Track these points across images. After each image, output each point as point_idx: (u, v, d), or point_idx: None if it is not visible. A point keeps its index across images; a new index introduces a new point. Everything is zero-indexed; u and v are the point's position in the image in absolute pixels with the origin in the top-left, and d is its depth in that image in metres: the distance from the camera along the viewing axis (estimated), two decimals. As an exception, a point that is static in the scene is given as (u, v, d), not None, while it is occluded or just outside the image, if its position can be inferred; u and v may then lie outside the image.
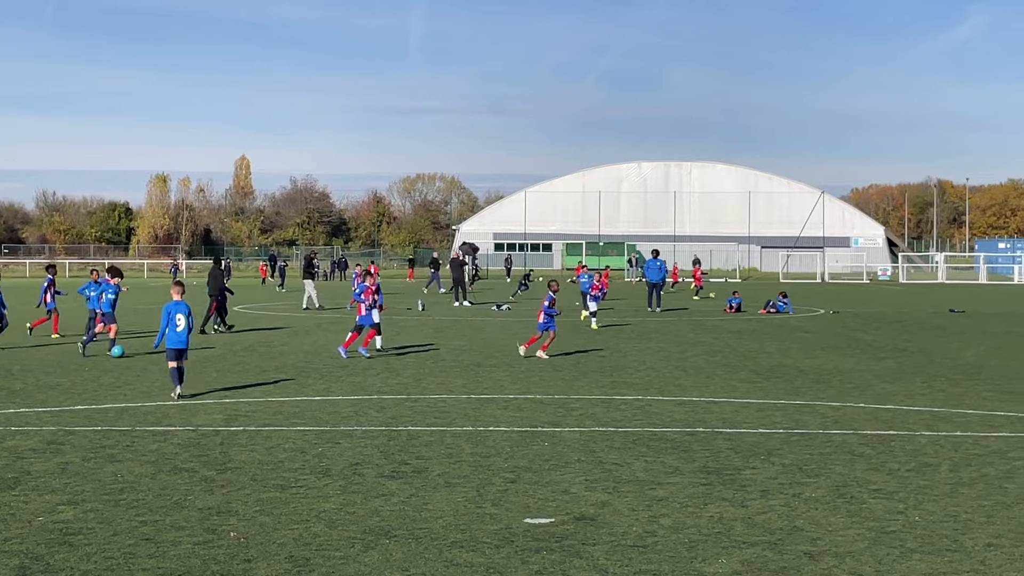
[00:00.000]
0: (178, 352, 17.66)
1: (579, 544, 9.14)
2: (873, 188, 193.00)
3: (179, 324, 17.67)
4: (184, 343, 17.70)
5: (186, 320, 17.74)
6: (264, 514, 10.09)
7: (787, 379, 20.78)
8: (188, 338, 17.82)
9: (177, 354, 17.66)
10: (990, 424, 15.61)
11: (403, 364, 22.93)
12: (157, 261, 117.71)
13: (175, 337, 17.64)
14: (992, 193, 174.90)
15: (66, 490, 11.07)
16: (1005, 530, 9.71)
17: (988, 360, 24.50)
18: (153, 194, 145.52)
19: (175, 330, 17.66)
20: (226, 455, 12.91)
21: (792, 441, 14.07)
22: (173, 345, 17.66)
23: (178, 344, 17.63)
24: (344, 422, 15.39)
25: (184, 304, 17.89)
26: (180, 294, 18.11)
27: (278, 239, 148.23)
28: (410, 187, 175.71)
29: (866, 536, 9.47)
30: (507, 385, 19.54)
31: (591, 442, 13.89)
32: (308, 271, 45.82)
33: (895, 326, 35.81)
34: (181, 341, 17.64)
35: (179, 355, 17.68)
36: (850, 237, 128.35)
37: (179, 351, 17.66)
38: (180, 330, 17.67)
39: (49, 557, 8.71)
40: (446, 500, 10.68)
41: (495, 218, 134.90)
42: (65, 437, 14.09)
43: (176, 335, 17.64)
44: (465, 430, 14.72)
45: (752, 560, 8.72)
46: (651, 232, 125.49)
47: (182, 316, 17.72)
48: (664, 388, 19.33)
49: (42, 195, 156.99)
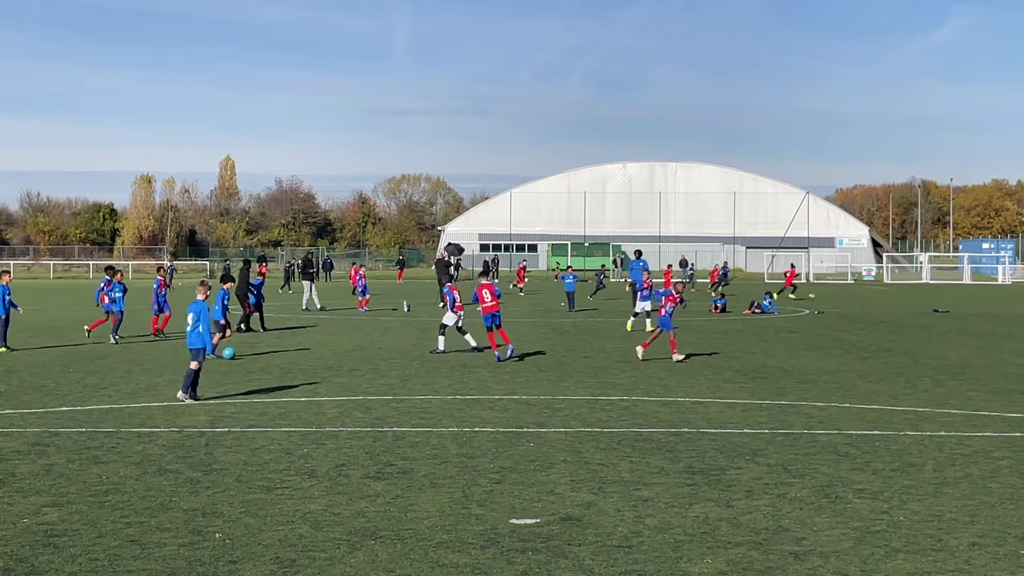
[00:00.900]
0: (193, 352, 17.45)
1: (565, 544, 9.15)
2: (858, 188, 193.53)
3: (189, 323, 17.46)
4: (193, 343, 17.40)
5: (195, 320, 17.40)
6: (249, 515, 10.08)
7: (772, 379, 20.82)
8: (199, 338, 17.36)
9: (193, 354, 17.47)
10: (974, 424, 15.67)
11: (389, 365, 22.91)
12: (142, 262, 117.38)
13: (189, 337, 17.52)
14: (976, 193, 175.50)
15: (51, 492, 11.03)
16: (989, 529, 9.75)
17: (972, 360, 24.59)
18: (138, 195, 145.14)
19: (187, 330, 17.56)
20: (211, 456, 12.89)
21: (777, 441, 14.10)
22: (188, 345, 17.57)
23: (191, 344, 17.46)
24: (330, 423, 15.37)
25: (199, 303, 17.61)
26: (202, 294, 17.91)
27: (263, 240, 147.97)
28: (395, 188, 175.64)
29: (851, 536, 9.50)
30: (493, 386, 19.54)
31: (577, 443, 13.90)
32: (307, 272, 45.90)
33: (880, 326, 35.92)
34: (190, 341, 17.46)
35: (195, 355, 17.42)
36: (835, 237, 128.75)
37: (193, 351, 17.42)
38: (188, 330, 17.50)
39: (34, 559, 8.68)
40: (432, 501, 10.68)
41: (480, 219, 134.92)
42: (50, 439, 14.05)
43: (188, 335, 17.50)
44: (451, 431, 14.72)
45: (737, 560, 8.74)
46: (636, 232, 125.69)
47: (192, 315, 17.45)
48: (649, 389, 19.35)
49: (26, 196, 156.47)
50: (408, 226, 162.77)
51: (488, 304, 23.98)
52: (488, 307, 23.98)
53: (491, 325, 23.98)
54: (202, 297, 17.82)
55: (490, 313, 23.96)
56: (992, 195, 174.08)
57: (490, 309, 23.96)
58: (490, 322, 24.00)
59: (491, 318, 23.97)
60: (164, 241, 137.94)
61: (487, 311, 23.98)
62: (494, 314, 23.96)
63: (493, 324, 23.92)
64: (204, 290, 18.05)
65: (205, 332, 17.42)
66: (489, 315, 23.97)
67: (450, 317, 25.01)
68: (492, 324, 23.93)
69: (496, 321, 23.94)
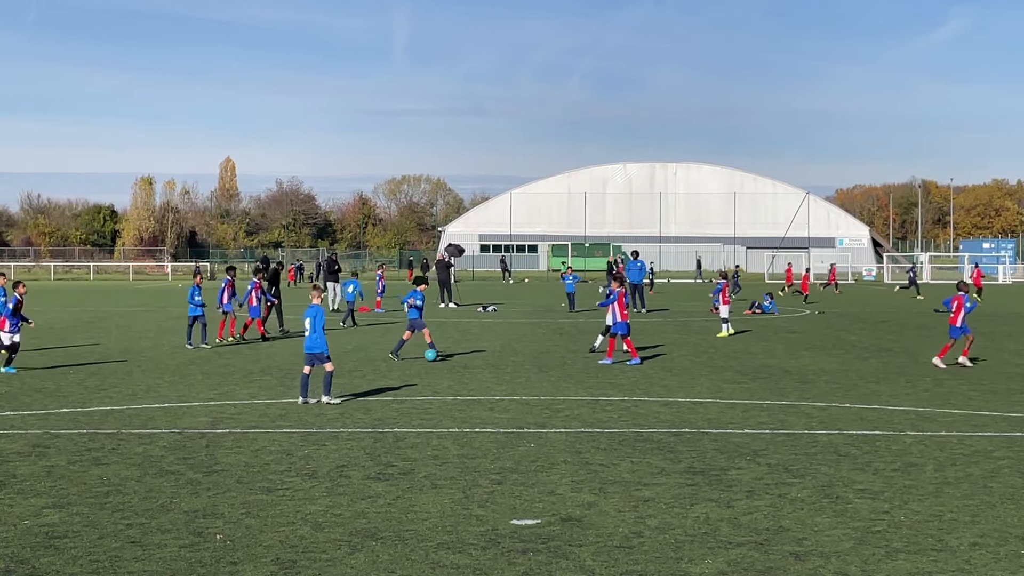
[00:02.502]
0: (311, 357, 17.38)
1: (565, 545, 9.15)
2: (858, 189, 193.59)
3: (308, 328, 17.43)
4: (312, 347, 17.34)
5: (312, 324, 17.35)
6: (250, 516, 10.08)
7: (772, 380, 20.82)
8: (318, 342, 17.32)
9: (310, 359, 17.38)
10: (975, 424, 15.67)
11: (389, 366, 22.91)
12: (142, 263, 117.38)
13: (306, 342, 17.51)
14: (976, 193, 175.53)
15: (51, 493, 11.04)
16: (990, 529, 9.75)
17: (973, 360, 24.56)
18: (138, 196, 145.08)
19: (307, 335, 17.49)
20: (212, 458, 12.89)
21: (778, 441, 14.10)
22: (304, 350, 17.57)
23: (307, 349, 17.43)
24: (330, 424, 15.37)
25: (315, 307, 17.62)
26: (316, 298, 17.93)
27: (264, 241, 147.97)
28: (395, 189, 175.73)
29: (852, 536, 9.50)
30: (493, 386, 19.54)
31: (577, 443, 13.90)
32: (332, 272, 45.52)
33: (880, 326, 35.91)
34: (309, 346, 17.40)
35: (311, 360, 17.36)
36: (835, 238, 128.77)
37: (310, 356, 17.38)
38: (307, 335, 17.42)
39: (35, 560, 8.68)
40: (432, 502, 10.68)
41: (481, 219, 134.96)
42: (50, 440, 14.05)
43: (306, 340, 17.49)
44: (451, 431, 14.72)
45: (738, 560, 8.74)
46: (636, 233, 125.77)
47: (309, 320, 17.40)
48: (650, 389, 19.35)
49: (27, 197, 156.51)
50: (408, 227, 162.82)
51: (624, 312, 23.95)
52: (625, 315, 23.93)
53: (624, 333, 23.80)
54: (317, 301, 17.81)
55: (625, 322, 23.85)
56: (992, 195, 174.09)
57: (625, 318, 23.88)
58: (626, 330, 23.82)
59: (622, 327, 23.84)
60: (165, 243, 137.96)
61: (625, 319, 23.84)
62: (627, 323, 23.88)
63: (620, 333, 23.76)
64: (318, 294, 18.08)
65: (311, 336, 17.34)
66: (624, 324, 23.81)
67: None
68: (621, 332, 23.78)
69: (623, 331, 23.75)
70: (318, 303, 17.81)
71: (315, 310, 17.55)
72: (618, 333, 23.74)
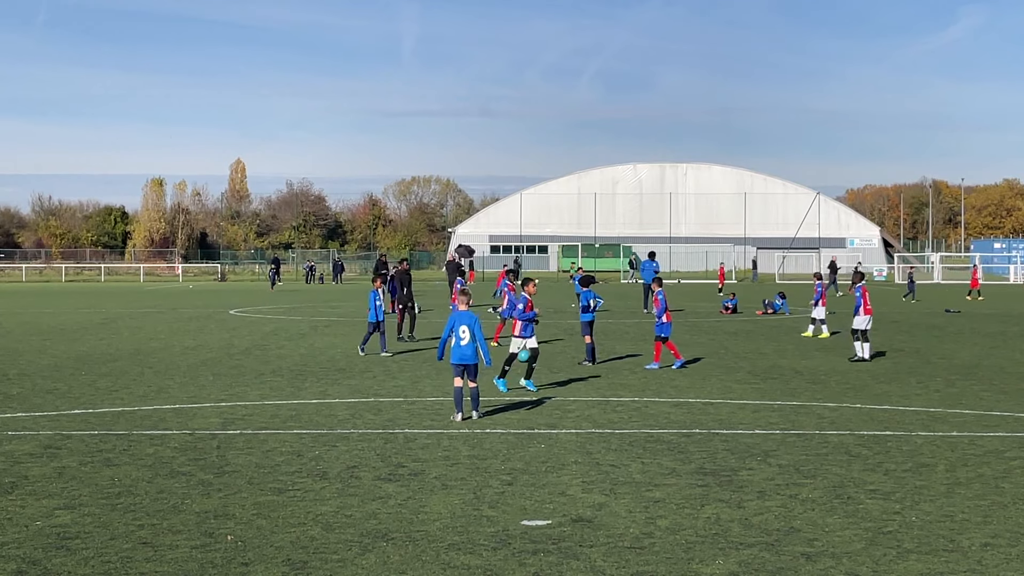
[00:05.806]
0: (462, 368, 15.95)
1: (576, 546, 9.14)
2: (868, 189, 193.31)
3: (463, 337, 15.93)
4: (468, 358, 15.87)
5: (471, 332, 15.96)
6: (261, 517, 10.09)
7: (783, 380, 20.79)
8: (475, 353, 15.93)
9: (460, 370, 15.97)
10: (986, 424, 15.63)
11: (400, 367, 22.93)
12: (153, 265, 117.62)
13: (459, 352, 15.91)
14: (987, 193, 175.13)
15: (63, 494, 11.06)
16: (1002, 530, 9.73)
17: (984, 360, 24.52)
18: (149, 198, 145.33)
19: (459, 344, 15.95)
20: (223, 459, 12.91)
21: (789, 442, 14.08)
22: (456, 360, 15.94)
23: (460, 359, 15.89)
24: (341, 425, 15.39)
25: (469, 315, 16.19)
26: (466, 304, 16.54)
27: (274, 242, 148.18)
28: (405, 190, 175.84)
29: (863, 536, 9.48)
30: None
31: (588, 444, 13.90)
32: (380, 275, 45.21)
33: (891, 326, 35.83)
34: (464, 356, 15.87)
35: (463, 372, 15.94)
36: (846, 238, 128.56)
37: (462, 367, 15.93)
38: (465, 344, 15.90)
39: (47, 561, 8.71)
40: (443, 502, 10.68)
41: (491, 220, 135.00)
42: (62, 441, 14.09)
43: (460, 349, 15.89)
44: (462, 432, 14.72)
45: (749, 561, 8.73)
46: (647, 233, 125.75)
47: (466, 328, 15.99)
48: (660, 389, 19.34)
49: (38, 199, 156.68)
50: (418, 228, 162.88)
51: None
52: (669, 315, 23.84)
53: (668, 335, 23.66)
54: (464, 307, 16.47)
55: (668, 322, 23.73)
56: (1004, 195, 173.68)
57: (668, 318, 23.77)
58: (668, 332, 23.69)
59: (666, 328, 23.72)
60: (175, 244, 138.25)
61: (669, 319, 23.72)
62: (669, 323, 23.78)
63: (663, 335, 23.62)
64: (466, 300, 16.68)
65: (470, 345, 15.94)
66: (667, 325, 23.68)
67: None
68: (663, 335, 23.66)
69: (665, 332, 23.61)
70: (465, 308, 16.48)
71: (470, 317, 16.15)
72: (661, 335, 23.53)
